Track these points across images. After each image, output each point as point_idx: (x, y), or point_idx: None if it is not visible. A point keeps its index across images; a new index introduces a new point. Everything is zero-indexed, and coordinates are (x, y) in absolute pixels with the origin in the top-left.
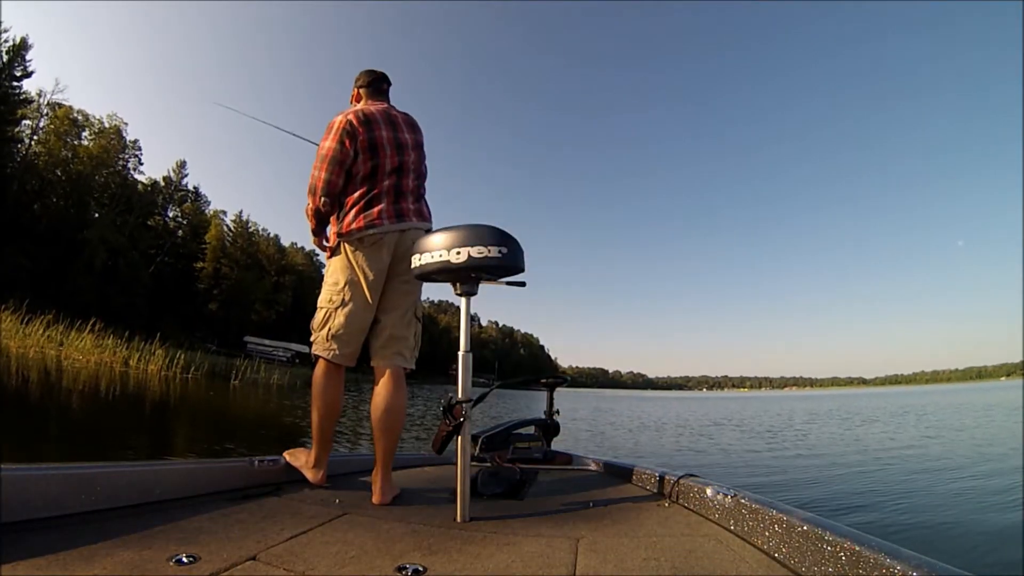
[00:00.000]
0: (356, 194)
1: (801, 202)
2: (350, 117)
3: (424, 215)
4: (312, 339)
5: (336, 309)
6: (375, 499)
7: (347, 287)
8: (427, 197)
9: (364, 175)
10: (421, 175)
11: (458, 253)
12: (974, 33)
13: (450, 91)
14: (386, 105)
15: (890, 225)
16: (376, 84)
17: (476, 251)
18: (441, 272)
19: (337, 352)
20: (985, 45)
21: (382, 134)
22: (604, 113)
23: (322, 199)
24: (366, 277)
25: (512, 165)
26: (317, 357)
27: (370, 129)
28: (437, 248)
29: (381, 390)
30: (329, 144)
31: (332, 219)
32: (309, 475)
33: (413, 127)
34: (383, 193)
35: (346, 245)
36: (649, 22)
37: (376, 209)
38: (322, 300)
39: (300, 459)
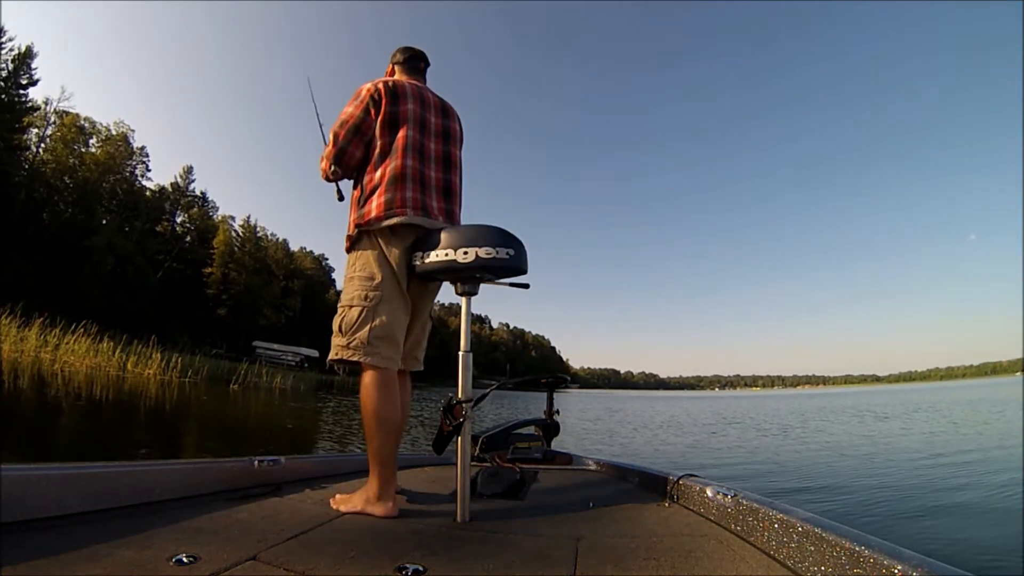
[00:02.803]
0: (376, 175)
1: (810, 199)
2: (379, 85)
3: (455, 220)
4: (344, 343)
5: (376, 306)
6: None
7: (386, 281)
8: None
9: (382, 152)
10: (450, 167)
11: (465, 253)
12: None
13: (451, 88)
14: (421, 84)
15: (899, 221)
16: (412, 61)
17: (484, 251)
18: (445, 271)
19: (384, 355)
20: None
21: (407, 108)
22: (614, 112)
23: (332, 167)
24: (402, 272)
25: (516, 164)
26: (347, 364)
27: (394, 101)
28: (442, 247)
29: (401, 391)
30: (352, 110)
31: (352, 205)
32: (379, 511)
33: (446, 113)
34: (406, 177)
35: (378, 237)
36: (653, 22)
37: (399, 195)
38: (353, 298)
39: (356, 501)
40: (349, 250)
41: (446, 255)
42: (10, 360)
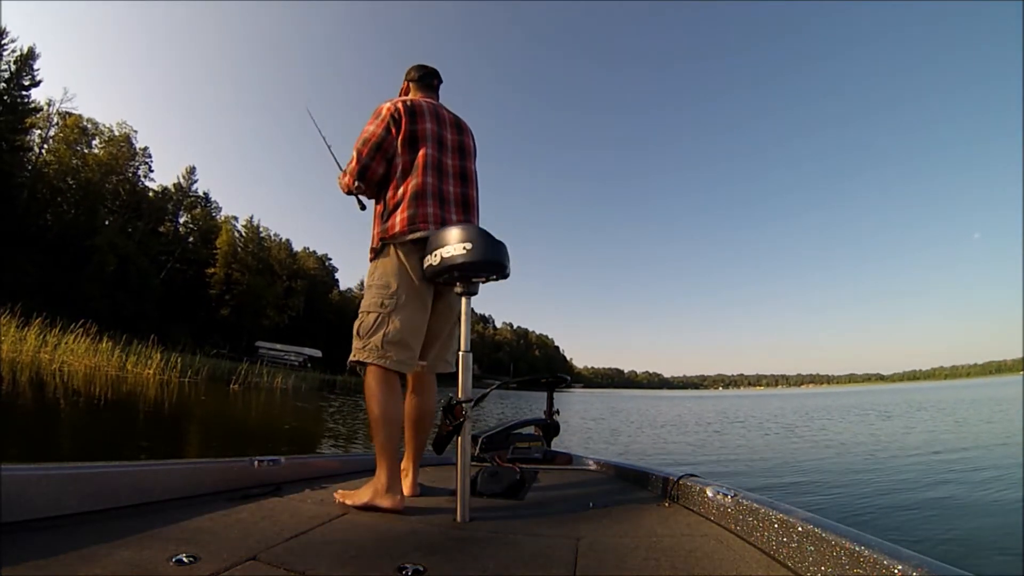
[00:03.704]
0: (398, 192)
1: (815, 197)
2: (398, 104)
3: None
4: (361, 346)
5: (390, 313)
6: (407, 492)
7: (401, 289)
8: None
9: (403, 169)
10: (467, 181)
11: (433, 256)
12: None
13: (455, 87)
14: (436, 101)
15: (904, 219)
16: (427, 79)
17: (445, 252)
18: (433, 276)
19: (394, 358)
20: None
21: (425, 127)
22: (616, 112)
23: (356, 183)
24: (420, 283)
25: (516, 164)
26: (365, 365)
27: (413, 120)
28: (424, 254)
29: (422, 393)
30: (374, 129)
31: (376, 219)
32: (387, 503)
33: (460, 128)
34: (427, 194)
35: (397, 249)
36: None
37: (421, 211)
38: (370, 304)
39: (363, 494)
40: (372, 260)
41: (427, 261)
42: (8, 360)
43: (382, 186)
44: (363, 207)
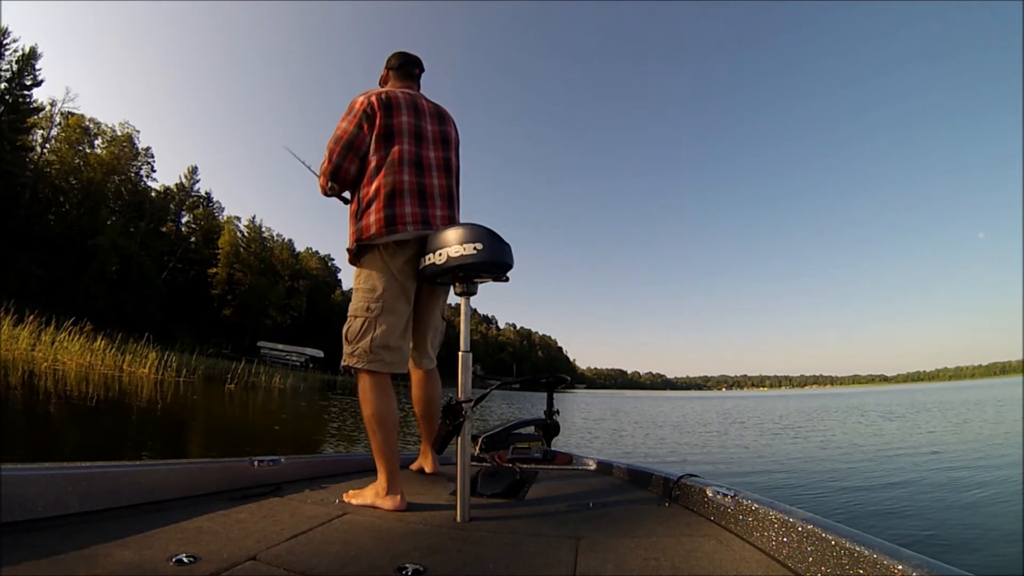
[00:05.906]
0: (371, 190)
1: (817, 198)
2: (372, 98)
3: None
4: (350, 351)
5: (377, 317)
6: (428, 469)
7: (387, 292)
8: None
9: (376, 166)
10: (450, 173)
11: (439, 255)
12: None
13: (458, 87)
14: (414, 91)
15: (908, 219)
16: (406, 67)
17: (453, 251)
18: (434, 275)
19: (385, 361)
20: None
21: (402, 120)
22: (621, 111)
23: (329, 184)
24: (406, 281)
25: (524, 165)
26: (358, 370)
27: (389, 114)
28: (425, 252)
29: (428, 385)
30: (346, 126)
31: (350, 218)
32: (388, 504)
33: (442, 118)
34: (404, 192)
35: (381, 249)
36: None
37: (399, 211)
38: (356, 309)
39: (367, 495)
40: (352, 263)
41: (428, 260)
42: (1, 360)
43: (356, 184)
44: (347, 201)
